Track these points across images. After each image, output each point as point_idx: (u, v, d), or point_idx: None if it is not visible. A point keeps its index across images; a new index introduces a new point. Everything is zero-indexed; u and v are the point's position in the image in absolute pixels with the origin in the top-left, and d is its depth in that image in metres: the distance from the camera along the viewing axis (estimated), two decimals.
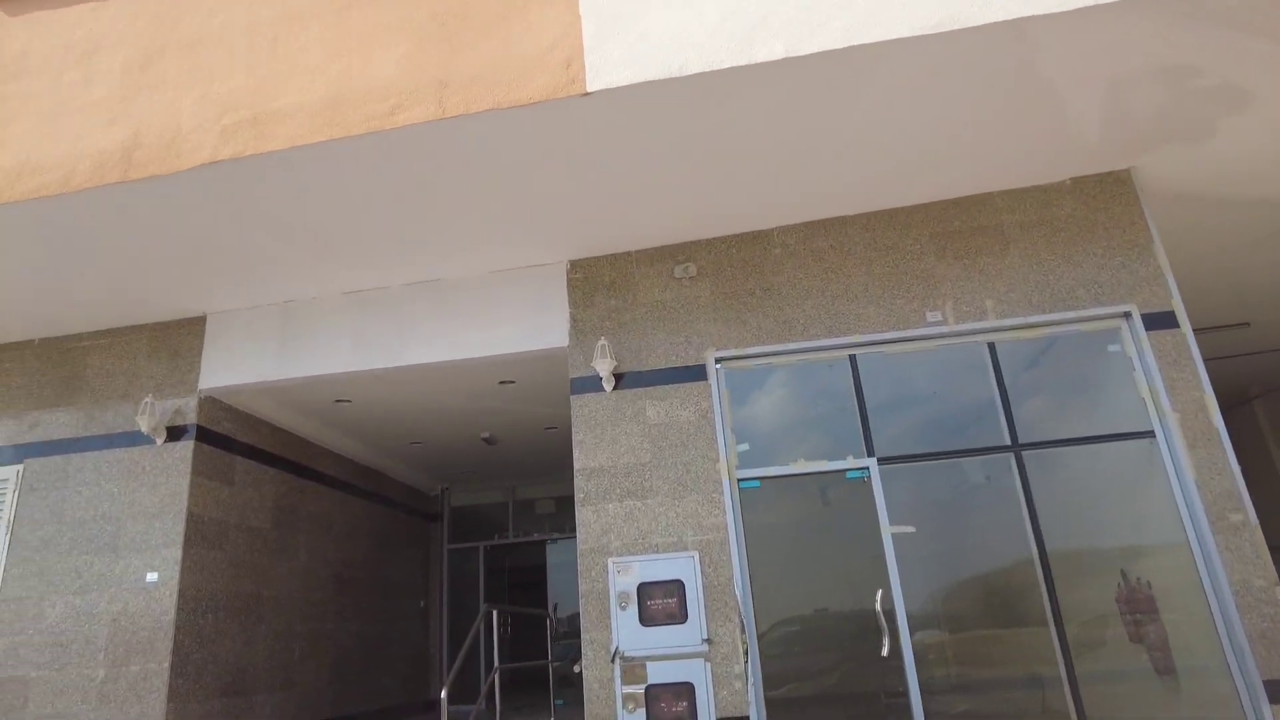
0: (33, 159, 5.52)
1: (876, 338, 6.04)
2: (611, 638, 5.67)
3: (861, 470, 5.87)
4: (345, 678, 8.84)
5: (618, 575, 5.79)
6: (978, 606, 5.68)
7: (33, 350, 7.50)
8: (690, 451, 5.98)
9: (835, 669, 5.65)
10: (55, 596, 6.59)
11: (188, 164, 5.21)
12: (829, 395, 6.08)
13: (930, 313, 6.05)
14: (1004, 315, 5.95)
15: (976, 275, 6.08)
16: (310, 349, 6.86)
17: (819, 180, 5.88)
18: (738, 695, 5.44)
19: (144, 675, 6.17)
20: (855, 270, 6.22)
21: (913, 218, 6.31)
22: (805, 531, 5.95)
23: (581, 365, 6.33)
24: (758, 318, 6.21)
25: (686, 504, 5.86)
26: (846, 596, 5.77)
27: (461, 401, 8.14)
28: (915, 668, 5.44)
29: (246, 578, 7.30)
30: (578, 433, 6.18)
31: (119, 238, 5.90)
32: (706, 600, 5.63)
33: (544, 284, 6.64)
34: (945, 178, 6.03)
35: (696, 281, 6.39)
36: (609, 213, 6.03)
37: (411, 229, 6.05)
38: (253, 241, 6.06)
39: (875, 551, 5.72)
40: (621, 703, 5.53)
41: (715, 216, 6.22)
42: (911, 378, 6.07)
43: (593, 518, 5.96)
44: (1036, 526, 5.60)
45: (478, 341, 6.59)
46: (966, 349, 6.06)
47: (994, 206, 6.23)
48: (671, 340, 6.27)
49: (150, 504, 6.66)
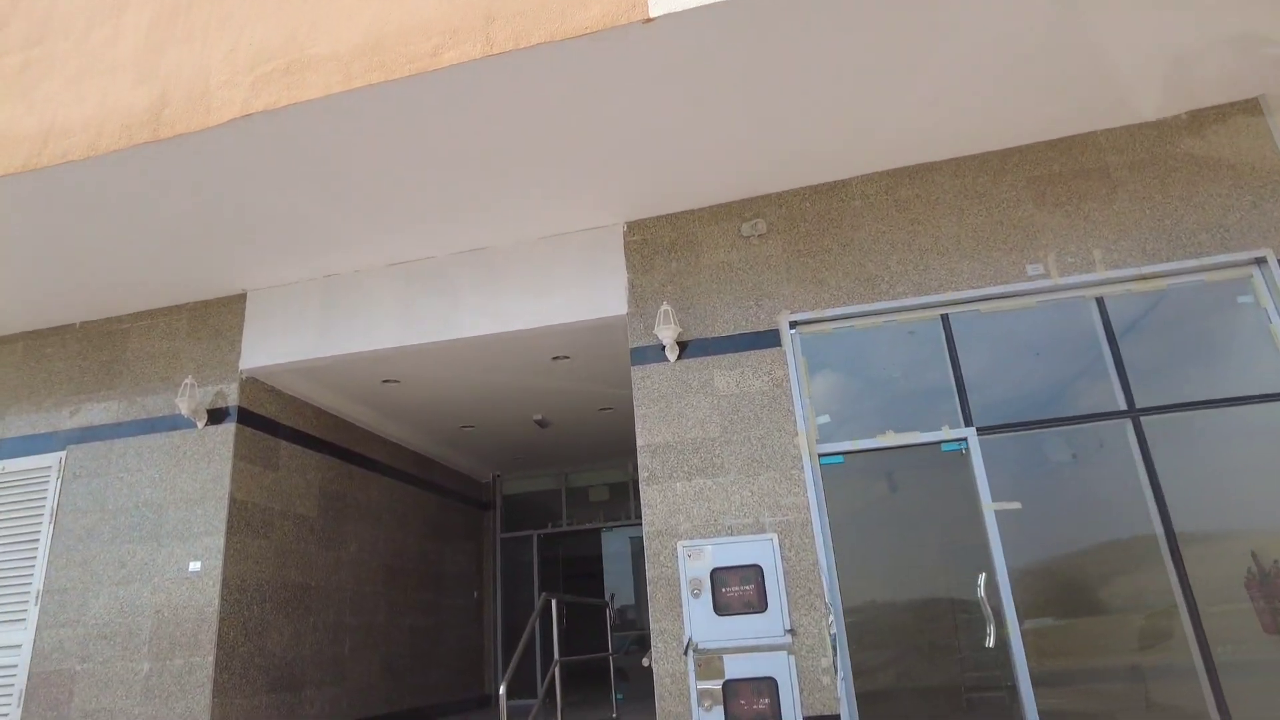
0: (59, 122, 5.21)
1: (971, 295, 5.44)
2: (683, 628, 5.18)
3: (959, 441, 5.27)
4: (397, 672, 8.50)
5: (688, 560, 5.29)
6: (1094, 591, 5.06)
7: (74, 334, 7.27)
8: (764, 425, 5.45)
9: (933, 662, 5.08)
10: (99, 588, 6.32)
11: (218, 120, 4.83)
12: (919, 360, 5.50)
13: (1030, 265, 5.43)
14: (1114, 266, 5.30)
15: (1081, 223, 5.44)
16: (355, 324, 6.48)
17: (902, 123, 5.29)
18: (826, 692, 4.90)
19: (188, 669, 5.86)
20: (945, 221, 5.62)
21: (1006, 162, 5.68)
22: (895, 511, 5.38)
23: (642, 334, 5.84)
24: (836, 276, 5.64)
25: (762, 482, 5.34)
26: (944, 582, 5.19)
27: (513, 380, 7.72)
28: (1026, 659, 4.85)
29: (293, 567, 6.97)
30: (640, 406, 5.69)
31: (152, 206, 5.56)
32: (788, 587, 5.11)
33: (599, 249, 6.16)
34: (1041, 116, 5.40)
35: (767, 239, 5.84)
36: (669, 167, 5.52)
37: (457, 190, 5.61)
38: (291, 207, 5.69)
39: (976, 532, 5.14)
40: (696, 699, 5.03)
41: (787, 167, 5.67)
42: (1011, 338, 5.45)
43: (658, 498, 5.47)
44: (1161, 501, 4.95)
45: (529, 312, 6.14)
46: (1072, 305, 5.42)
47: (1098, 146, 5.57)
48: (741, 304, 5.74)
49: (191, 490, 6.34)
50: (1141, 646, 4.91)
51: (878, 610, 5.21)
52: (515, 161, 5.33)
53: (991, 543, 5.06)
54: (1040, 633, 4.95)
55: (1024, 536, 5.08)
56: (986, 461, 5.20)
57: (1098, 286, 5.37)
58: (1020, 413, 5.30)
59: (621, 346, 6.90)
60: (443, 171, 5.39)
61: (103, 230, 5.81)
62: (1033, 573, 5.04)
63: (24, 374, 7.26)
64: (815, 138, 5.37)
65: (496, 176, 5.49)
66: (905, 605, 5.23)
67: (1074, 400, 5.28)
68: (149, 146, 4.97)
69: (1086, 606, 5.04)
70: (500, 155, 5.26)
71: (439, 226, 6.08)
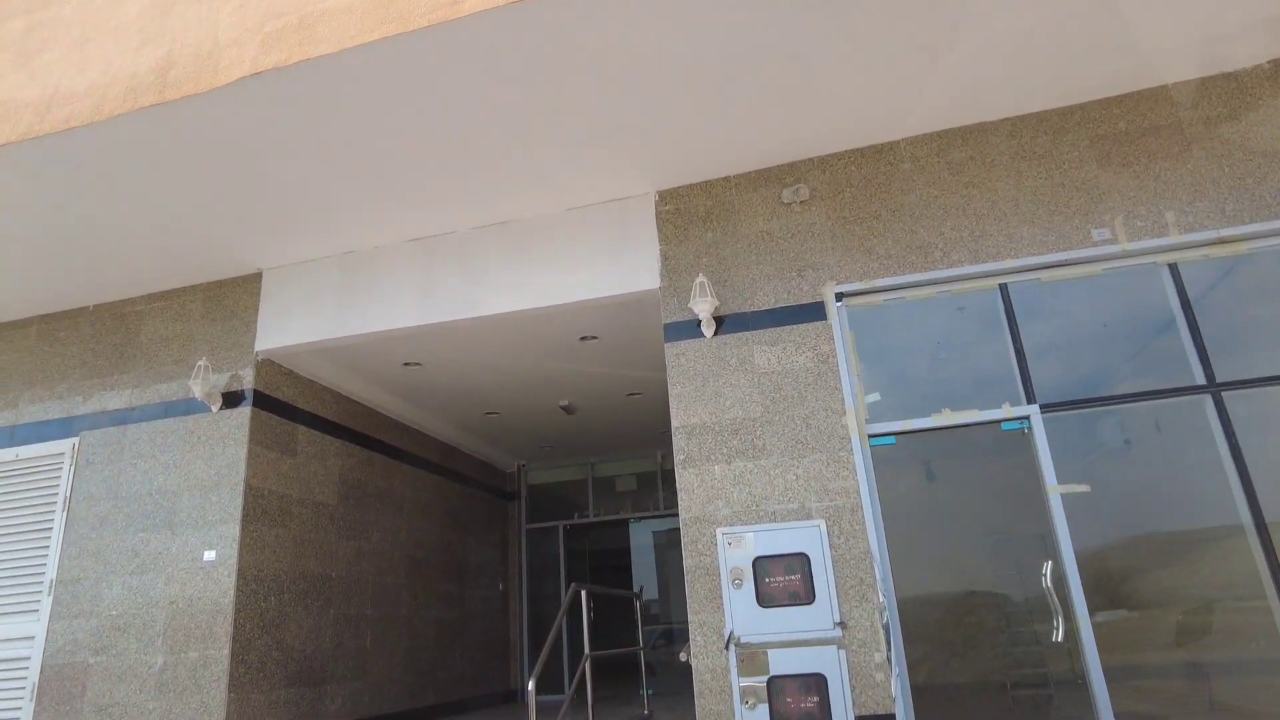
0: (63, 88, 4.95)
1: (1031, 262, 5.04)
2: (724, 620, 4.84)
3: (1021, 420, 4.88)
4: (420, 667, 8.23)
5: (729, 548, 4.94)
6: (1173, 581, 4.65)
7: (87, 317, 7.04)
8: (809, 403, 5.08)
9: (996, 657, 4.70)
10: (112, 578, 6.08)
11: (226, 79, 4.54)
12: (977, 333, 5.11)
13: (1096, 230, 5.02)
14: (1189, 229, 4.88)
15: (1151, 183, 5.02)
16: (374, 303, 6.19)
17: (952, 80, 4.89)
18: (879, 689, 4.54)
19: (203, 662, 5.60)
20: (1002, 184, 5.22)
21: (1067, 120, 5.27)
22: (952, 495, 5.00)
23: (676, 309, 5.49)
24: (885, 244, 5.26)
25: (807, 465, 4.98)
26: (1006, 571, 4.81)
27: (538, 363, 7.40)
28: (1098, 654, 4.46)
29: (312, 557, 6.70)
30: (674, 385, 5.35)
31: (161, 178, 5.29)
32: (837, 577, 4.74)
33: (629, 219, 5.82)
34: (1104, 71, 4.98)
35: (809, 206, 5.47)
36: (704, 131, 5.16)
37: (479, 158, 5.29)
38: (306, 178, 5.39)
39: (1040, 517, 4.76)
40: (739, 697, 4.69)
41: (829, 129, 5.29)
42: (1076, 308, 5.05)
43: (695, 481, 5.13)
44: (1248, 484, 4.54)
45: (556, 288, 5.81)
46: (1142, 272, 5.01)
47: (1169, 101, 5.14)
48: (782, 275, 5.37)
49: (206, 476, 6.09)
50: (1226, 641, 4.50)
51: (933, 602, 4.84)
52: (541, 127, 5.00)
53: (1057, 529, 4.68)
54: (1112, 626, 4.56)
55: (1092, 522, 4.68)
56: (1051, 441, 4.81)
57: (1171, 251, 4.95)
58: (1086, 389, 4.90)
59: (652, 326, 6.57)
60: (463, 138, 5.07)
61: (111, 205, 5.55)
62: (1103, 561, 4.65)
63: (37, 358, 7.05)
64: (860, 96, 4.99)
65: (521, 143, 5.16)
66: (964, 597, 4.85)
67: (1145, 375, 4.87)
68: (155, 110, 4.69)
69: (1164, 598, 4.64)
70: (525, 119, 4.93)
71: (460, 198, 5.77)
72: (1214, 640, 4.51)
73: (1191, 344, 4.83)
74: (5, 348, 7.19)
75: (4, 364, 7.13)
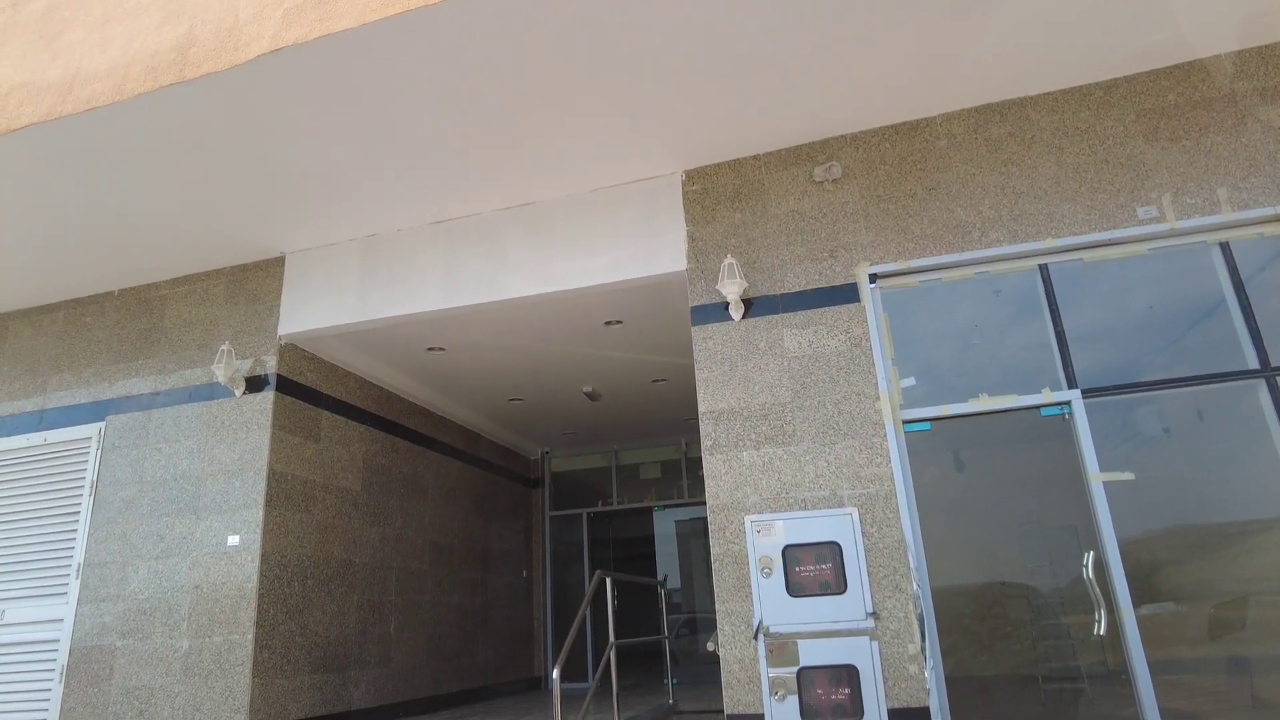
0: (84, 69, 4.90)
1: (1073, 242, 4.85)
2: (753, 610, 4.72)
3: (1061, 406, 4.71)
4: (444, 653, 8.20)
5: (757, 536, 4.82)
6: (1217, 574, 4.47)
7: (113, 301, 7.04)
8: (841, 388, 4.94)
9: (1035, 651, 4.55)
10: (138, 562, 6.09)
11: (246, 56, 4.46)
12: (1015, 316, 4.93)
13: (1142, 208, 4.81)
14: (1242, 206, 4.66)
15: (1202, 158, 4.80)
16: (397, 287, 6.12)
17: (989, 53, 4.70)
18: (913, 681, 4.41)
19: (228, 647, 5.59)
20: (1042, 161, 5.02)
21: (1112, 94, 5.06)
22: (989, 483, 4.84)
23: (703, 291, 5.36)
24: (921, 224, 5.09)
25: (839, 451, 4.84)
26: (1045, 562, 4.65)
27: (562, 349, 7.30)
28: (1143, 649, 4.29)
29: (336, 543, 6.67)
30: (701, 370, 5.23)
31: (183, 160, 5.24)
32: (870, 566, 4.61)
33: (655, 200, 5.69)
34: (1150, 41, 4.76)
35: (842, 184, 5.31)
36: (732, 108, 5.01)
37: (502, 138, 5.18)
38: (328, 159, 5.32)
39: (1073, 506, 4.59)
40: (768, 688, 4.58)
41: (862, 104, 5.12)
42: (1119, 290, 4.85)
43: (723, 468, 5.01)
44: None
45: (581, 271, 5.70)
46: (1191, 251, 4.80)
47: (1221, 72, 4.91)
48: (813, 256, 5.22)
49: (229, 461, 6.06)
50: (1256, 637, 4.31)
51: (969, 593, 4.69)
52: (565, 104, 4.88)
53: (1099, 518, 4.51)
54: (1157, 620, 4.38)
55: (1136, 512, 4.51)
56: (1093, 427, 4.63)
57: (1222, 230, 4.74)
58: (1131, 373, 4.71)
59: (678, 311, 6.44)
60: (486, 117, 4.96)
61: (134, 188, 5.52)
62: (1147, 552, 4.47)
63: (65, 343, 7.06)
64: (894, 70, 4.81)
65: (545, 122, 5.05)
66: (1001, 587, 4.69)
67: (1193, 359, 4.67)
68: (176, 89, 4.63)
69: (1216, 591, 4.45)
70: (549, 97, 4.81)
71: (483, 179, 5.67)
72: (1254, 635, 4.32)
73: (1244, 327, 4.62)
74: (34, 332, 7.22)
75: (33, 348, 7.16)
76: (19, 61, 5.13)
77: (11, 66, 5.14)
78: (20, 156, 5.13)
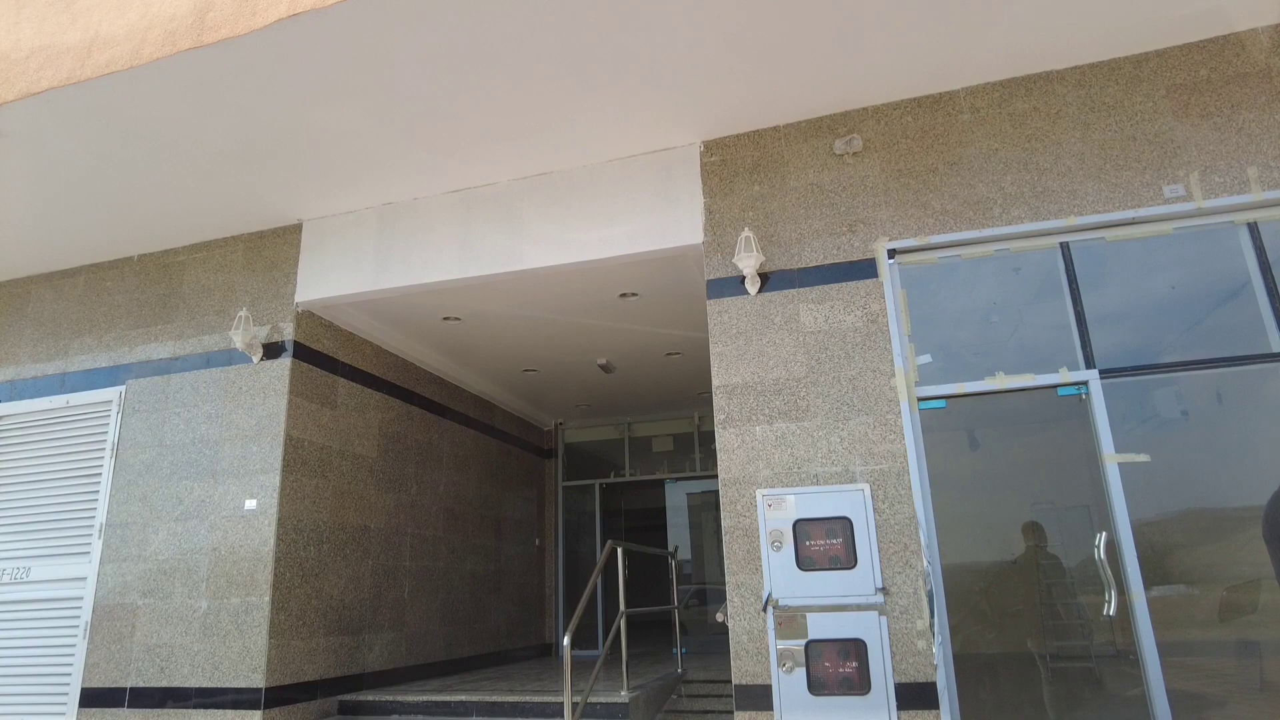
0: (102, 33, 4.89)
1: (1096, 220, 4.77)
2: (762, 583, 4.75)
3: (1078, 385, 4.67)
4: (457, 618, 8.33)
5: (769, 510, 4.84)
6: (1238, 557, 4.44)
7: (132, 267, 7.10)
8: (857, 364, 4.92)
9: (1043, 630, 4.56)
10: (158, 524, 6.19)
11: (263, 21, 4.43)
12: (1034, 294, 4.88)
13: (1169, 186, 4.73)
14: (1274, 186, 4.57)
15: (1233, 136, 4.70)
16: (413, 256, 6.12)
17: (1016, 24, 4.60)
18: (921, 656, 4.43)
19: (245, 608, 5.69)
20: (1067, 137, 4.93)
21: (1141, 69, 4.95)
22: (1003, 462, 4.82)
23: (719, 264, 5.34)
24: (941, 199, 5.03)
25: (853, 427, 4.83)
26: (1056, 541, 4.64)
27: (577, 320, 7.31)
28: (1153, 630, 4.29)
29: (351, 509, 6.75)
30: (716, 344, 5.22)
31: (201, 125, 5.24)
32: (880, 542, 4.62)
33: (672, 171, 5.64)
34: (1184, 13, 4.64)
35: (862, 158, 5.24)
36: (752, 76, 4.95)
37: (519, 106, 5.14)
38: (345, 126, 5.30)
39: (1085, 487, 4.57)
40: (776, 659, 4.62)
41: (885, 76, 5.03)
42: (1142, 270, 4.78)
43: (735, 442, 5.01)
44: None
45: (597, 242, 5.68)
46: (1218, 231, 4.72)
47: (1258, 46, 4.79)
48: (832, 230, 5.18)
49: (247, 426, 6.13)
50: (1266, 620, 4.29)
51: (980, 571, 4.70)
52: (584, 73, 4.83)
53: (1113, 499, 4.49)
54: (1167, 602, 4.37)
55: (1150, 493, 4.48)
56: (1110, 408, 4.60)
57: (1252, 210, 4.65)
58: (1151, 354, 4.66)
59: (694, 284, 6.42)
60: (503, 84, 4.92)
61: (153, 153, 5.53)
62: (1160, 534, 4.45)
63: (86, 307, 7.14)
64: (917, 41, 4.72)
65: (562, 90, 5.00)
66: (1011, 566, 4.70)
67: (1215, 340, 4.61)
68: (193, 54, 4.61)
69: (1228, 575, 4.43)
70: (569, 65, 4.76)
71: (500, 148, 5.64)
72: (1264, 618, 4.31)
73: (1270, 309, 4.55)
74: (56, 296, 7.29)
75: (55, 312, 7.25)
76: (39, 24, 5.13)
77: (32, 28, 5.14)
78: (41, 120, 5.15)
